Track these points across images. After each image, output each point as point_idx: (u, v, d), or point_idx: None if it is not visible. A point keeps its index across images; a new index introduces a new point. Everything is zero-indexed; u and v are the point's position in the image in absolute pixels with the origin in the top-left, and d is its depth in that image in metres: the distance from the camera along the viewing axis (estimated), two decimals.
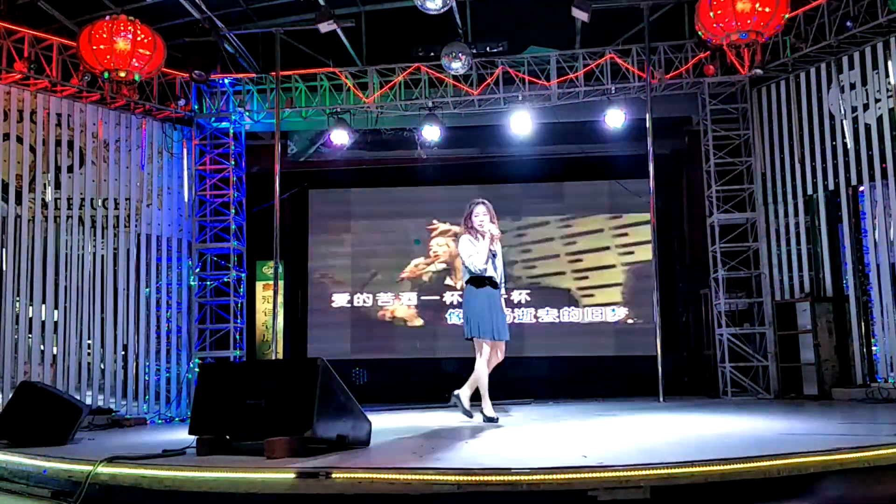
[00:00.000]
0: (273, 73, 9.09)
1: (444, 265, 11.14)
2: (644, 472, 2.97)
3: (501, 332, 5.85)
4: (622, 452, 3.75)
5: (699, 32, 7.26)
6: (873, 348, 7.97)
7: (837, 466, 3.13)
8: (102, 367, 8.41)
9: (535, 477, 2.96)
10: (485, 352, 5.81)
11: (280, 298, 9.59)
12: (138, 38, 7.22)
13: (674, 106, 9.60)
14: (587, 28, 8.70)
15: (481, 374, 5.80)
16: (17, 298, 7.90)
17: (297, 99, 9.42)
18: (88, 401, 7.93)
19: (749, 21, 6.73)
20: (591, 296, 10.81)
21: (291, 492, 3.11)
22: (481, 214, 5.84)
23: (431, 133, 9.36)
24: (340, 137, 9.42)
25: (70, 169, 8.47)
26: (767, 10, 6.75)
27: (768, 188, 8.88)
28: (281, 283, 9.50)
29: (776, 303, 8.64)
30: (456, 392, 5.86)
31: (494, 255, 5.87)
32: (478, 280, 5.83)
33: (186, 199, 9.49)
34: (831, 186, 8.28)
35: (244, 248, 9.68)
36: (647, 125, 8.58)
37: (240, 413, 4.05)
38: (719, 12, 6.85)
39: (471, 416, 5.81)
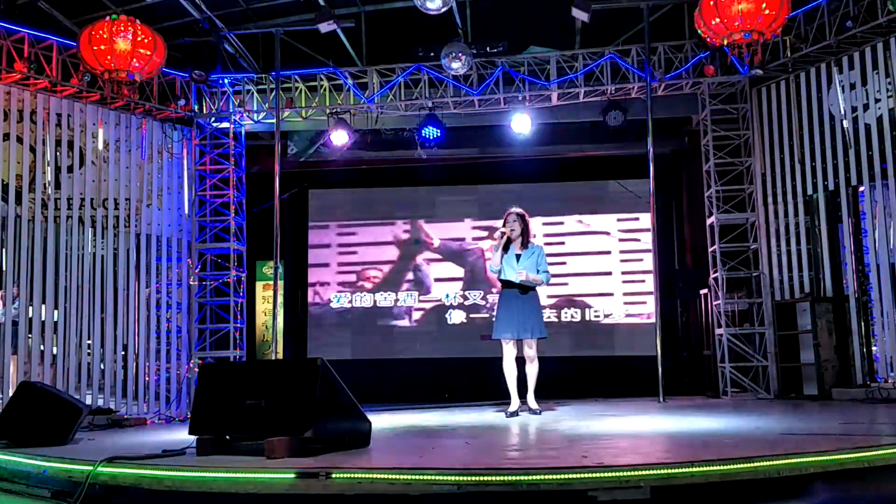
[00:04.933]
0: (273, 73, 9.09)
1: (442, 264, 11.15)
2: (644, 472, 2.98)
3: (500, 330, 6.27)
4: (622, 452, 3.76)
5: (699, 31, 7.25)
6: (873, 348, 7.97)
7: (837, 466, 3.14)
8: (102, 367, 8.41)
9: (535, 477, 2.96)
10: (505, 351, 6.30)
11: (280, 298, 9.59)
12: (138, 39, 7.21)
13: (674, 106, 9.59)
14: (587, 28, 8.69)
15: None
16: (17, 298, 7.90)
17: (297, 99, 9.41)
18: (88, 401, 7.93)
19: (752, 22, 6.72)
20: (592, 296, 10.81)
21: (291, 492, 3.11)
22: (510, 221, 6.38)
23: (431, 133, 9.36)
24: (340, 137, 9.42)
25: (70, 169, 8.47)
26: (769, 11, 6.73)
27: (768, 188, 8.88)
28: (281, 283, 9.50)
29: (776, 303, 8.64)
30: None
31: (519, 257, 6.28)
32: (501, 282, 6.37)
33: (186, 199, 9.49)
34: (831, 186, 8.28)
35: (244, 248, 9.67)
36: (648, 125, 8.58)
37: (240, 413, 4.05)
38: (721, 12, 6.84)
39: (537, 413, 6.23)
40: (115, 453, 3.83)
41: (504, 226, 6.38)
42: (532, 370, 6.30)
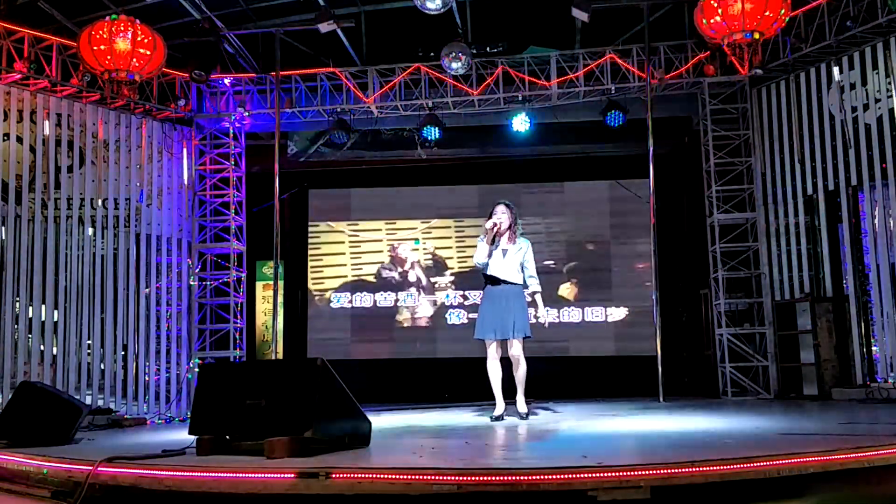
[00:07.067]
0: (273, 73, 9.09)
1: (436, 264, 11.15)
2: (644, 472, 2.97)
3: (482, 330, 5.90)
4: (622, 452, 3.75)
5: (699, 29, 7.23)
6: (873, 348, 7.97)
7: (837, 466, 3.13)
8: (102, 367, 8.41)
9: (535, 477, 2.96)
10: (488, 351, 5.94)
11: (280, 298, 9.59)
12: (138, 39, 7.20)
13: (674, 106, 9.60)
14: (587, 28, 8.70)
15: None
16: (17, 298, 7.90)
17: (297, 99, 9.41)
18: (88, 401, 7.93)
19: (753, 21, 6.71)
20: (591, 296, 10.81)
21: (291, 492, 3.11)
22: (499, 213, 5.93)
23: (431, 133, 9.36)
24: (341, 138, 9.40)
25: (70, 169, 8.47)
26: (769, 13, 6.72)
27: (768, 188, 8.88)
28: (281, 283, 9.50)
29: (776, 303, 8.64)
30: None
31: (506, 252, 5.90)
32: (484, 277, 5.98)
33: (186, 199, 9.49)
34: (831, 186, 8.28)
35: (244, 248, 9.67)
36: (648, 125, 8.58)
37: (240, 413, 4.05)
38: (723, 11, 6.82)
39: (524, 418, 5.90)
40: (115, 453, 3.82)
41: (491, 218, 5.94)
42: (519, 372, 5.87)
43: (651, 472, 2.97)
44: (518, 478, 2.96)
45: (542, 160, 10.74)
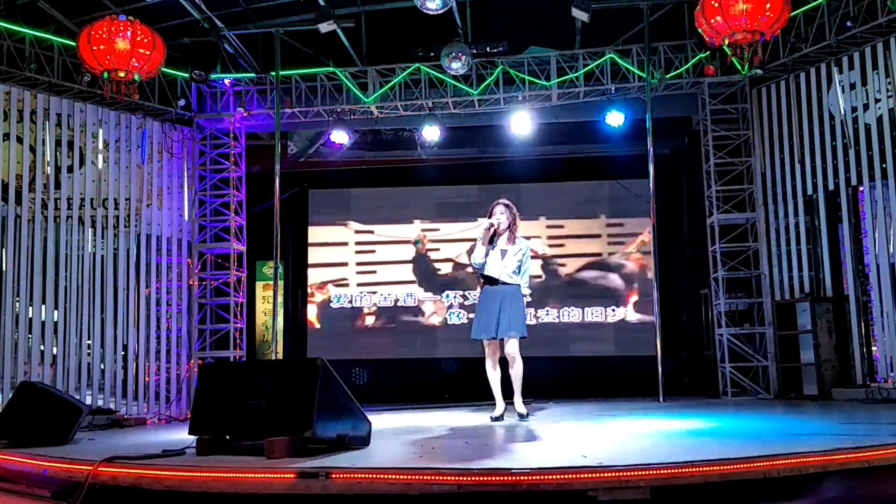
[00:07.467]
0: (273, 73, 9.09)
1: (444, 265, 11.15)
2: (644, 472, 2.98)
3: (479, 330, 5.90)
4: (622, 452, 3.75)
5: (699, 29, 7.23)
6: (873, 348, 7.97)
7: (837, 466, 3.14)
8: (102, 367, 8.41)
9: (535, 477, 2.96)
10: (486, 351, 5.96)
11: (280, 298, 9.59)
12: (138, 38, 7.18)
13: (674, 106, 9.59)
14: (587, 28, 8.69)
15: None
16: (17, 298, 7.90)
17: (296, 99, 9.41)
18: (88, 401, 7.93)
19: (754, 21, 6.69)
20: (591, 295, 10.81)
21: (291, 492, 3.11)
22: (497, 213, 5.93)
23: (431, 133, 9.36)
24: (340, 137, 9.43)
25: (70, 169, 8.47)
26: (771, 14, 6.71)
27: (768, 188, 8.88)
28: (281, 283, 9.50)
29: (776, 303, 8.64)
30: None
31: (504, 252, 5.90)
32: (482, 278, 5.98)
33: (186, 199, 9.48)
34: (831, 186, 8.28)
35: (244, 248, 9.67)
36: (647, 125, 8.58)
37: (240, 413, 4.05)
38: (724, 11, 6.81)
39: (524, 418, 5.87)
40: (115, 453, 3.83)
41: (490, 218, 5.93)
42: (516, 371, 5.84)
43: (651, 472, 2.98)
44: (518, 478, 2.96)
45: (542, 160, 10.74)
